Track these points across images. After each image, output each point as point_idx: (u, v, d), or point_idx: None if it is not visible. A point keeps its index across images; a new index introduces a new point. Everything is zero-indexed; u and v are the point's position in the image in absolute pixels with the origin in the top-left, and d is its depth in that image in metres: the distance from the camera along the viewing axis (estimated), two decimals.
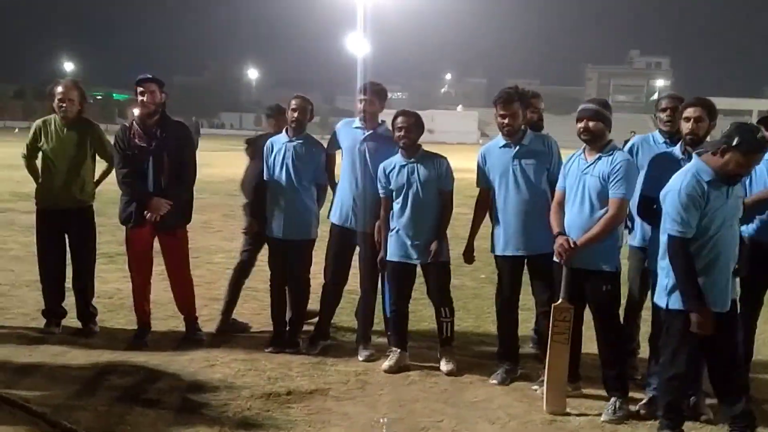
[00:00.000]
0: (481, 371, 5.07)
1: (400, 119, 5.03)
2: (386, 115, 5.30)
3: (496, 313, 5.11)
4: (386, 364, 5.08)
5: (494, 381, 4.92)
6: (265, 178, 5.49)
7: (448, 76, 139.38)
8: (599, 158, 4.41)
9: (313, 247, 5.56)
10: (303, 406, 4.41)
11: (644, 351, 4.94)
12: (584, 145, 4.51)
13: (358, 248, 5.43)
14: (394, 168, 5.06)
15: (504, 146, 4.88)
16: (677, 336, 3.87)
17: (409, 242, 5.04)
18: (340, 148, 5.51)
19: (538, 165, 4.80)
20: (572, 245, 4.34)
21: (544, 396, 4.50)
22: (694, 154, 4.00)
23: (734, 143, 3.63)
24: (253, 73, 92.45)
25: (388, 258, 5.14)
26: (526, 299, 5.11)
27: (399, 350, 5.15)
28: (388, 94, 5.62)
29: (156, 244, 5.48)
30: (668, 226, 3.78)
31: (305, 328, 5.66)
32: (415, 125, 5.02)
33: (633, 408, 4.41)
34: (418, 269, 5.18)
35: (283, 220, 5.40)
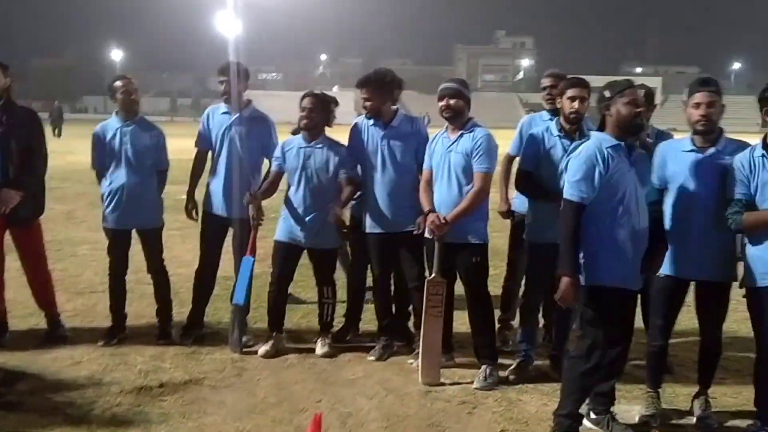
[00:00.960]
0: (361, 350, 5.14)
1: (305, 101, 4.96)
2: (266, 97, 5.17)
3: (372, 290, 5.19)
4: (263, 348, 5.03)
5: (372, 357, 4.99)
6: (98, 166, 5.22)
7: (324, 57, 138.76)
8: (461, 135, 4.54)
9: (160, 235, 5.34)
10: (177, 397, 4.29)
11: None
12: (446, 123, 4.62)
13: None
14: (292, 148, 4.99)
15: (373, 125, 4.91)
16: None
17: (298, 225, 4.98)
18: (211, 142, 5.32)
19: (406, 146, 4.85)
20: (444, 221, 4.44)
21: (420, 368, 4.61)
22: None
23: (608, 95, 3.69)
24: (117, 54, 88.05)
25: (276, 237, 5.08)
26: None
27: (276, 334, 5.11)
28: (264, 75, 5.50)
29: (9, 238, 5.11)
30: (567, 191, 3.67)
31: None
32: (319, 107, 4.94)
33: (503, 374, 4.59)
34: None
35: (122, 210, 5.13)
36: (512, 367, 4.69)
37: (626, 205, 3.59)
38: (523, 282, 5.05)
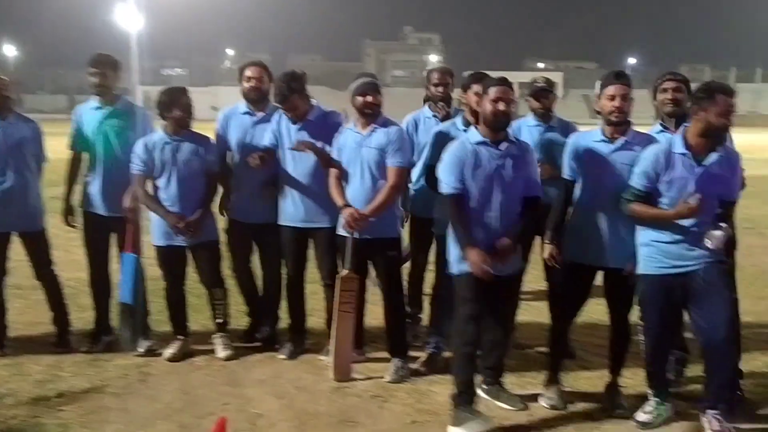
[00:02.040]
0: (272, 348, 5.06)
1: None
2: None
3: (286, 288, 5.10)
4: (168, 352, 4.87)
5: (282, 356, 4.92)
6: None
7: (231, 52, 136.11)
8: (374, 130, 4.52)
9: (44, 237, 5.05)
10: (77, 406, 4.10)
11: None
12: (360, 118, 4.58)
13: None
14: (156, 145, 4.79)
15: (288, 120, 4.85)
16: (460, 302, 4.00)
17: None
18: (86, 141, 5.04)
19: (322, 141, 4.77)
20: (360, 215, 4.42)
21: (331, 365, 4.59)
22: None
23: (481, 91, 3.93)
24: (9, 50, 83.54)
25: (153, 242, 4.91)
26: None
27: (181, 337, 4.96)
28: (168, 71, 5.31)
29: None
30: (440, 184, 4.00)
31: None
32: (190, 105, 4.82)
33: (413, 366, 4.63)
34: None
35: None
36: (421, 359, 4.73)
37: (485, 198, 3.90)
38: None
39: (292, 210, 4.84)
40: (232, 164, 5.08)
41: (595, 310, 4.70)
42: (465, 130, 4.48)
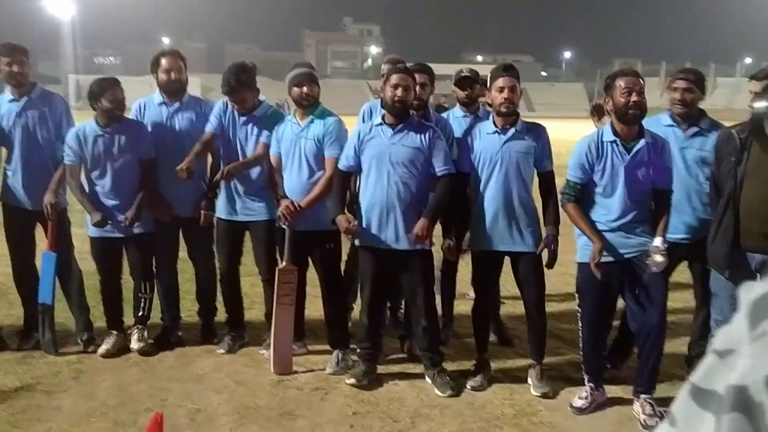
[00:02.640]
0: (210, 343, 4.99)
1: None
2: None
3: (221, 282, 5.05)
4: (102, 348, 4.75)
5: (221, 350, 4.86)
6: None
7: (166, 40, 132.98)
8: (312, 121, 4.50)
9: None
10: (6, 406, 3.96)
11: None
12: (297, 109, 4.56)
13: None
14: (87, 137, 4.64)
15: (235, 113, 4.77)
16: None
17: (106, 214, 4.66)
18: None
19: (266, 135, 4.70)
20: (297, 207, 4.39)
21: (271, 358, 4.55)
22: None
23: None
24: None
25: (90, 234, 4.77)
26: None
27: (116, 332, 4.84)
28: (101, 59, 5.14)
29: None
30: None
31: None
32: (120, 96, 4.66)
33: (353, 360, 4.63)
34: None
35: None
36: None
37: (373, 175, 4.19)
38: None
39: (228, 202, 4.77)
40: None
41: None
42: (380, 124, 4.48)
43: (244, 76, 4.59)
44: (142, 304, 4.92)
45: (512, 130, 4.19)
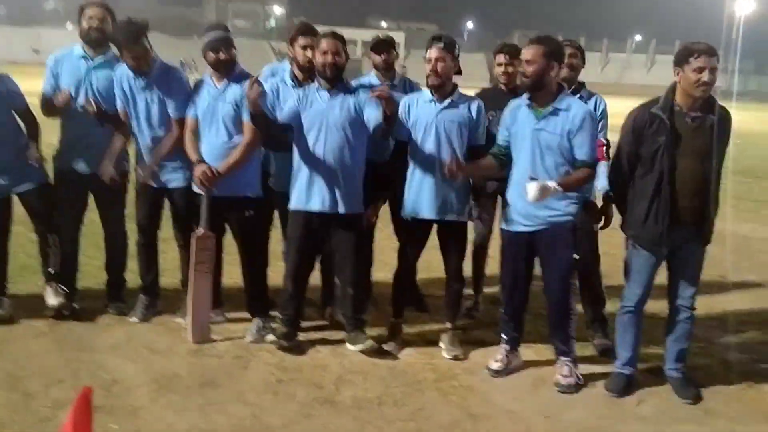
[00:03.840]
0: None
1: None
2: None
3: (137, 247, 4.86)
4: None
5: (134, 319, 4.71)
6: None
7: None
8: (229, 84, 4.38)
9: None
10: None
11: None
12: (214, 72, 4.44)
13: None
14: None
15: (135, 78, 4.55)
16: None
17: None
18: None
19: (168, 98, 4.52)
20: (215, 173, 4.27)
21: (189, 326, 4.45)
22: None
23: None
24: None
25: None
26: None
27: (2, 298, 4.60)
28: None
29: None
30: None
31: None
32: None
33: (274, 325, 4.59)
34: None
35: None
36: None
37: (310, 139, 4.23)
38: None
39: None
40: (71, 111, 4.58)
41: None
42: (294, 85, 4.51)
43: (135, 30, 4.37)
44: (50, 259, 4.67)
45: (447, 101, 4.25)
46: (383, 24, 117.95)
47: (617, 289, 4.27)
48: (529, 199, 3.68)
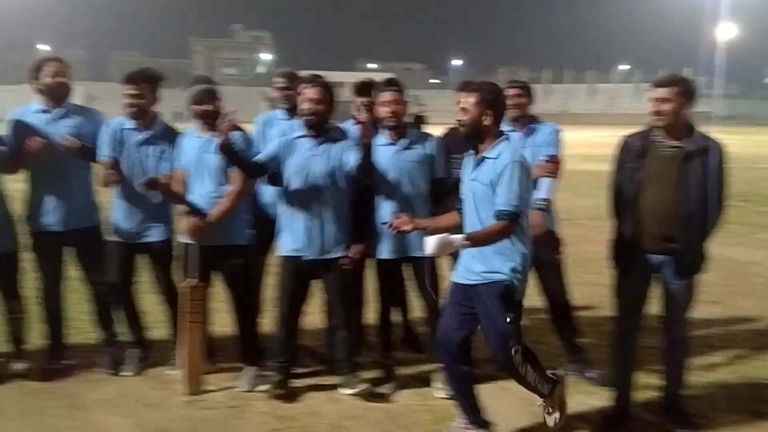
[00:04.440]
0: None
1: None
2: None
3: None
4: None
5: (128, 373, 4.67)
6: None
7: (45, 48, 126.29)
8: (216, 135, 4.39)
9: None
10: None
11: None
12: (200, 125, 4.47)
13: None
14: None
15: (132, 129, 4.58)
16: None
17: None
18: None
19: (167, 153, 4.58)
20: (204, 223, 4.28)
21: (183, 378, 4.41)
22: None
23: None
24: None
25: None
26: None
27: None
28: None
29: None
30: None
31: None
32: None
33: (267, 373, 4.54)
34: None
35: None
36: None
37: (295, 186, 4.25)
38: None
39: (122, 223, 4.60)
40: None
41: None
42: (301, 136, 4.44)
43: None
44: (14, 326, 4.64)
45: (403, 142, 4.37)
46: (371, 66, 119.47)
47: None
48: (426, 252, 3.41)
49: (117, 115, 4.65)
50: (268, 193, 4.75)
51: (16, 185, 4.68)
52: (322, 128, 4.30)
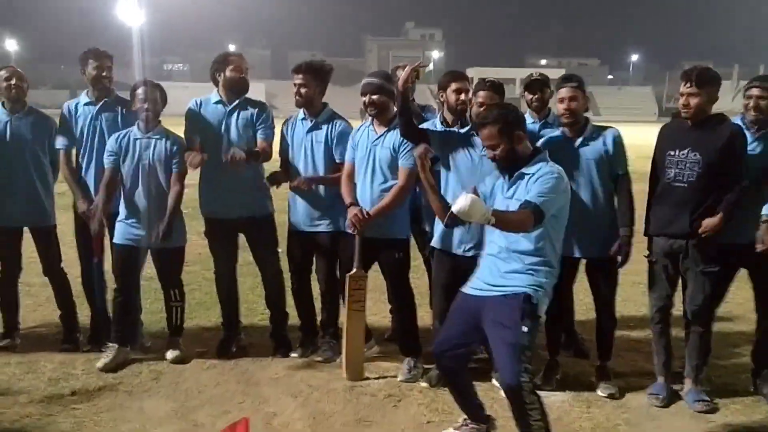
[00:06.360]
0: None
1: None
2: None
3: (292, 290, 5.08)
4: (101, 361, 4.66)
5: (295, 354, 4.92)
6: None
7: (231, 47, 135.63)
8: (389, 130, 4.49)
9: (54, 233, 5.08)
10: (91, 405, 4.11)
11: None
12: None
13: None
14: (128, 140, 4.70)
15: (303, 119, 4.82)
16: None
17: (139, 224, 4.70)
18: None
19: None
20: (366, 215, 4.41)
21: (344, 364, 4.58)
22: None
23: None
24: (11, 45, 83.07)
25: (115, 241, 4.79)
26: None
27: (117, 346, 4.76)
28: (170, 66, 5.28)
29: None
30: None
31: None
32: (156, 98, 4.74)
33: (428, 366, 4.60)
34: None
35: (12, 206, 4.89)
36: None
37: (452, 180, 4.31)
38: None
39: (299, 214, 4.83)
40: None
41: None
42: (443, 128, 4.43)
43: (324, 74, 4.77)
44: (174, 313, 4.95)
45: (580, 139, 4.28)
46: (542, 61, 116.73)
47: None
48: (453, 208, 3.15)
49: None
50: None
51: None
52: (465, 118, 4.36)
